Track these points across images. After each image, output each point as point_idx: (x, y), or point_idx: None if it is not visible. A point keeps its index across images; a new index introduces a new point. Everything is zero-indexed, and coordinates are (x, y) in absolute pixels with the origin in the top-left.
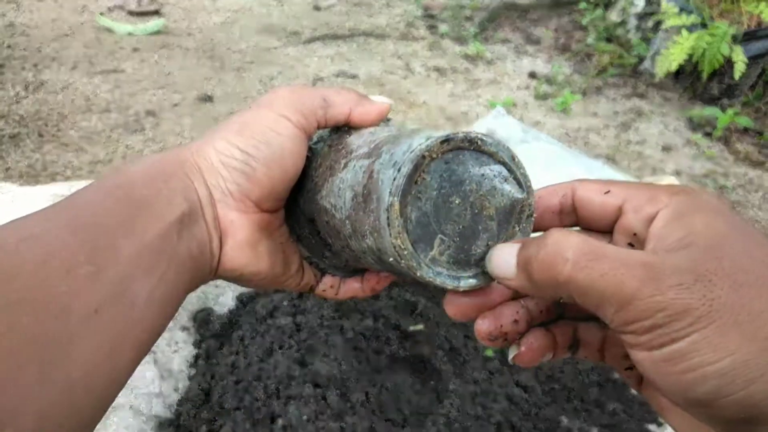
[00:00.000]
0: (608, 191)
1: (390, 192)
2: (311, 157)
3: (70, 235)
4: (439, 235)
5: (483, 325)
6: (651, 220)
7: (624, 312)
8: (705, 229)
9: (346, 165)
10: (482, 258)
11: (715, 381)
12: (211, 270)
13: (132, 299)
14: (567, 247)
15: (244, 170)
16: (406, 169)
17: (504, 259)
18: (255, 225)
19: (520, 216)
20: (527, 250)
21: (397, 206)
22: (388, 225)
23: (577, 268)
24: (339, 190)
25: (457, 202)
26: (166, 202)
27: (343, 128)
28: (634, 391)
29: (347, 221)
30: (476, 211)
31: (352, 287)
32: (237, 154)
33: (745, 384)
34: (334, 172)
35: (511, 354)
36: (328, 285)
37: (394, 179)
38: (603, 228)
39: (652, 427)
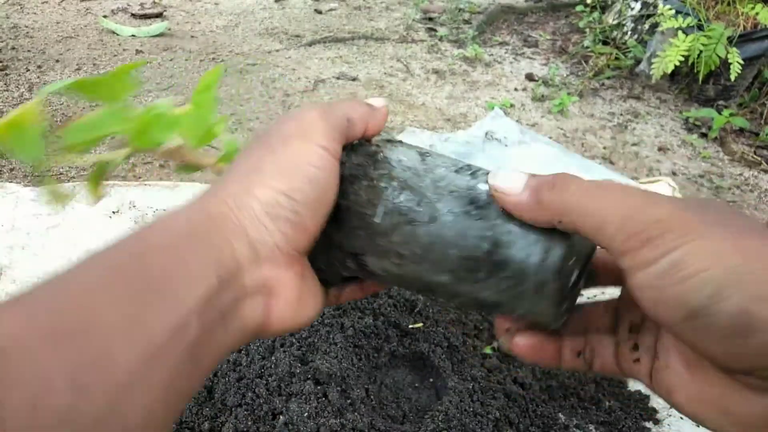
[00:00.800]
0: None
1: (550, 274)
2: (342, 184)
3: (49, 349)
4: (568, 298)
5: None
6: None
7: (623, 229)
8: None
9: (432, 216)
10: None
11: (710, 286)
12: (244, 340)
13: (122, 422)
14: (570, 181)
15: (292, 219)
16: (559, 255)
17: (513, 176)
18: (299, 276)
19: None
20: (534, 180)
21: (558, 285)
22: (545, 299)
23: (583, 190)
24: (432, 245)
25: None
26: (188, 278)
27: (363, 146)
28: (630, 389)
29: (449, 275)
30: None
31: (353, 291)
32: (284, 202)
33: (736, 289)
34: (411, 219)
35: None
36: (332, 295)
37: (546, 260)
38: None
39: (648, 424)
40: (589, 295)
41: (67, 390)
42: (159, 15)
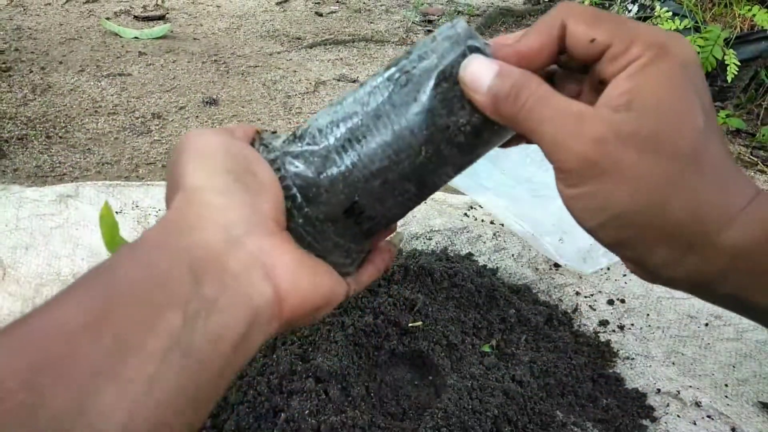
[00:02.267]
0: (593, 39)
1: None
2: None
3: (2, 359)
4: None
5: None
6: (620, 71)
7: (554, 154)
8: (648, 94)
9: (366, 132)
10: None
11: (601, 219)
12: (261, 317)
13: (95, 427)
14: (523, 88)
15: (242, 188)
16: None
17: (481, 72)
18: (289, 242)
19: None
20: (495, 85)
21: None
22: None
23: (528, 112)
24: (393, 140)
25: None
26: (162, 282)
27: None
28: (627, 387)
29: (424, 134)
30: None
31: (368, 272)
32: (225, 177)
33: (619, 226)
34: (361, 145)
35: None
36: (350, 282)
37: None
38: (588, 64)
39: (645, 422)
40: None
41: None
42: (161, 17)
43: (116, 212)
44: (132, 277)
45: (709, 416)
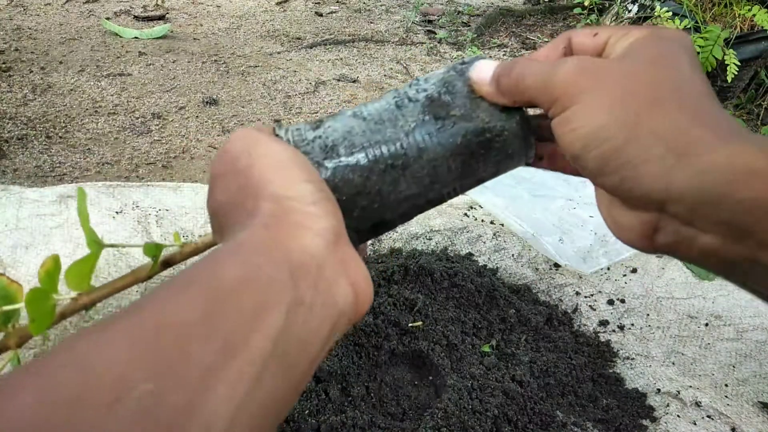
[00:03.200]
0: (596, 33)
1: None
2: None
3: (124, 350)
4: None
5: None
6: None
7: (544, 93)
8: (639, 48)
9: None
10: None
11: (583, 139)
12: (342, 319)
13: (205, 426)
14: (518, 64)
15: (324, 196)
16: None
17: (484, 69)
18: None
19: None
20: (497, 69)
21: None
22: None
23: (518, 74)
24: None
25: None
26: (266, 284)
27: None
28: (628, 387)
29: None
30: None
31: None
32: (308, 186)
33: (599, 143)
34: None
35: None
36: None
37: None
38: None
39: (645, 422)
40: None
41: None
42: (161, 17)
43: (116, 212)
44: (234, 278)
45: (709, 416)
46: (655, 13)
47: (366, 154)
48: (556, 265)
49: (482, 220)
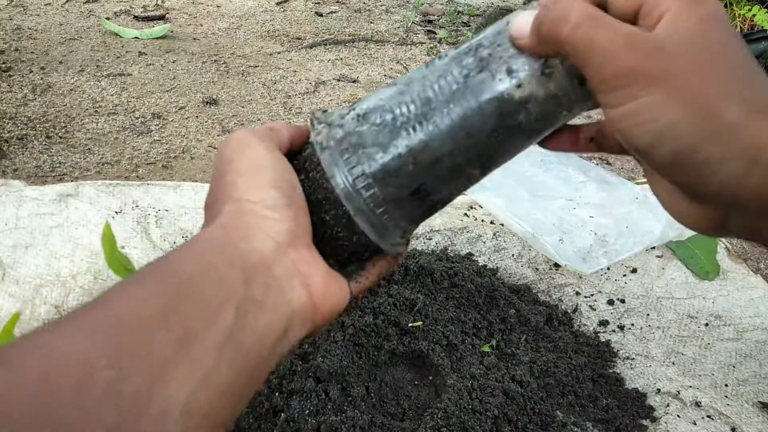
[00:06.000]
0: None
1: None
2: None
3: (86, 338)
4: None
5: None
6: (657, 22)
7: (601, 71)
8: (691, 32)
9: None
10: None
11: (654, 135)
12: (297, 321)
13: (163, 408)
14: (571, 11)
15: (287, 203)
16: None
17: (522, 22)
18: (318, 256)
19: None
20: (540, 14)
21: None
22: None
23: (575, 29)
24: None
25: None
26: (218, 280)
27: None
28: (627, 387)
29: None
30: None
31: (380, 267)
32: (273, 192)
33: (672, 140)
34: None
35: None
36: (353, 286)
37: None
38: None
39: (645, 422)
40: None
41: (107, 368)
42: (162, 17)
43: (116, 212)
44: (191, 273)
45: (709, 416)
46: None
47: (395, 115)
48: (556, 265)
49: (482, 220)
